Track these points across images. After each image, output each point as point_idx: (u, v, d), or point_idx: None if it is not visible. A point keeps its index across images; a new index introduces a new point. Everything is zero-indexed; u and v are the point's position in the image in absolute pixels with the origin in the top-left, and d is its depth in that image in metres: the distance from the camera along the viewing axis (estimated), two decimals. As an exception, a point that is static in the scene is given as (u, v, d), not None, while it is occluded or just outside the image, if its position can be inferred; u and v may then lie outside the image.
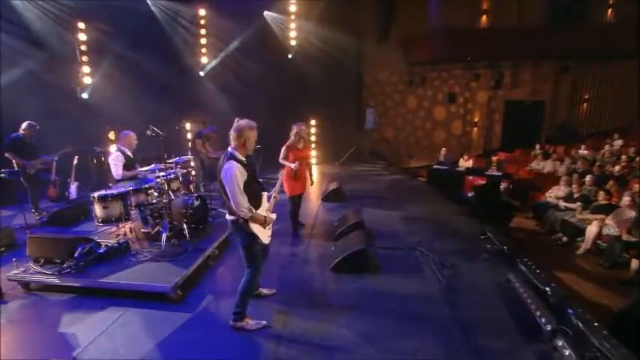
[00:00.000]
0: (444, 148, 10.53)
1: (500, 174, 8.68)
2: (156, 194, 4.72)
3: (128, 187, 4.63)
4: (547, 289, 3.57)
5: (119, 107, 7.92)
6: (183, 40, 9.58)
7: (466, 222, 6.21)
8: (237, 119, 3.13)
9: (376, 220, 6.10)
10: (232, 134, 3.00)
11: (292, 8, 10.36)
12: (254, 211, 3.01)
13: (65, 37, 8.03)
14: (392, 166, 12.07)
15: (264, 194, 3.31)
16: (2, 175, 5.29)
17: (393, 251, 4.91)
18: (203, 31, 9.79)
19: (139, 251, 4.37)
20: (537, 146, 11.17)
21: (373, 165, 11.72)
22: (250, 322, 3.22)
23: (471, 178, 9.24)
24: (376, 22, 11.91)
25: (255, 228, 3.08)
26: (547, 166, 9.55)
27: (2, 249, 4.72)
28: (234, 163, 2.92)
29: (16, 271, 3.94)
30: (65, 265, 3.96)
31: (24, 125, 5.83)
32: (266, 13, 10.22)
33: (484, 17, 12.49)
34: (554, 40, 11.27)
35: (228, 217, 3.11)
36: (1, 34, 6.98)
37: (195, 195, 5.03)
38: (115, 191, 4.57)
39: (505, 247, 4.76)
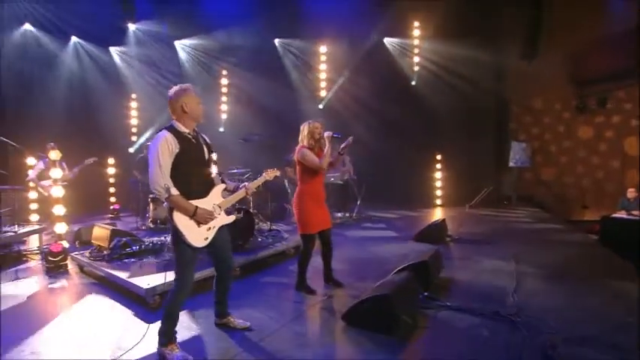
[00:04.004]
0: (631, 189, 7.15)
1: None
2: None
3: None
4: None
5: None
6: (304, 75, 10.10)
7: None
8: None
9: (472, 270, 4.33)
10: (169, 105, 2.50)
11: (415, 32, 9.61)
12: (174, 192, 2.34)
13: (208, 77, 9.62)
14: (551, 215, 8.98)
15: (220, 185, 2.63)
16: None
17: (460, 314, 3.19)
18: (323, 66, 10.11)
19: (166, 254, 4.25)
20: None
21: (520, 211, 8.99)
22: (175, 353, 2.42)
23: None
24: (521, 33, 9.66)
25: (179, 220, 2.38)
26: None
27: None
28: (166, 132, 2.40)
29: (76, 253, 4.41)
30: (103, 254, 4.18)
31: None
32: (386, 39, 9.79)
33: None
34: None
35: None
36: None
37: (237, 207, 4.69)
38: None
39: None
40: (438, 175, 9.89)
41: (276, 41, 9.79)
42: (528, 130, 10.66)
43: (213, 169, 2.76)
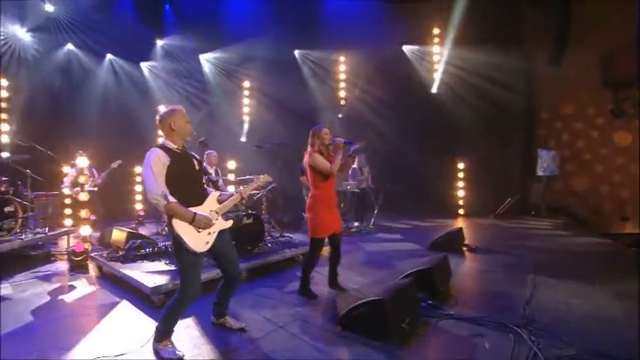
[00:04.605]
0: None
1: None
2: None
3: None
4: None
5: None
6: (323, 84, 10.24)
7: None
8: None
9: (485, 280, 4.20)
10: (158, 124, 2.62)
11: (435, 39, 9.51)
12: (172, 200, 2.42)
13: (230, 86, 10.00)
14: (585, 227, 8.45)
15: (214, 193, 2.71)
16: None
17: (463, 324, 3.08)
18: (342, 76, 10.21)
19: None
20: None
21: (548, 222, 8.52)
22: (168, 349, 2.51)
23: None
24: (548, 35, 9.26)
25: (180, 227, 2.45)
26: None
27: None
28: (155, 148, 2.51)
29: (96, 253, 4.67)
30: (119, 254, 4.41)
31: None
32: (405, 47, 9.75)
33: None
34: None
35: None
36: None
37: (247, 212, 4.79)
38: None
39: None
40: (460, 184, 9.61)
41: (296, 52, 10.02)
42: (558, 137, 10.13)
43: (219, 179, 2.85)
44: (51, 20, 8.06)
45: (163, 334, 2.55)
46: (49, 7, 7.94)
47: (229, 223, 2.77)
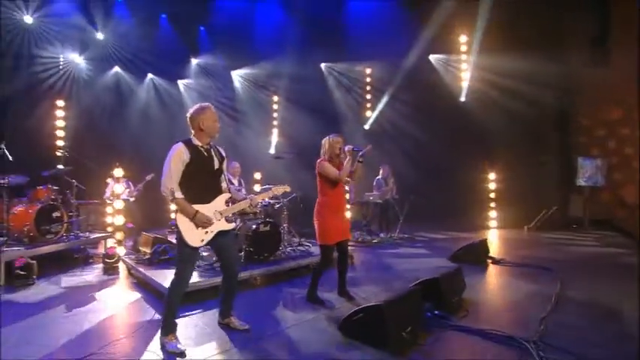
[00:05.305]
0: None
1: None
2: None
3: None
4: None
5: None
6: (349, 96, 10.37)
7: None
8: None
9: (503, 293, 4.09)
10: (189, 121, 2.86)
11: (463, 47, 9.34)
12: (178, 196, 2.67)
13: (259, 100, 10.42)
14: (633, 242, 7.74)
15: (224, 195, 2.90)
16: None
17: (468, 336, 2.99)
18: (369, 87, 10.29)
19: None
20: None
21: (591, 235, 7.90)
22: (172, 342, 2.70)
23: None
24: (586, 36, 8.71)
25: (181, 221, 2.69)
26: None
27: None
28: (180, 143, 2.76)
29: (125, 256, 5.06)
30: (144, 258, 4.74)
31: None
32: (432, 56, 9.66)
33: None
34: None
35: None
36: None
37: (263, 220, 4.95)
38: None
39: None
40: (492, 194, 9.23)
41: (322, 65, 10.27)
42: (603, 144, 9.44)
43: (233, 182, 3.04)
44: (101, 46, 8.95)
45: (168, 327, 2.76)
46: (100, 35, 8.86)
47: (231, 225, 2.94)
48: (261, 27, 9.59)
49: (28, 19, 7.67)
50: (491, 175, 9.30)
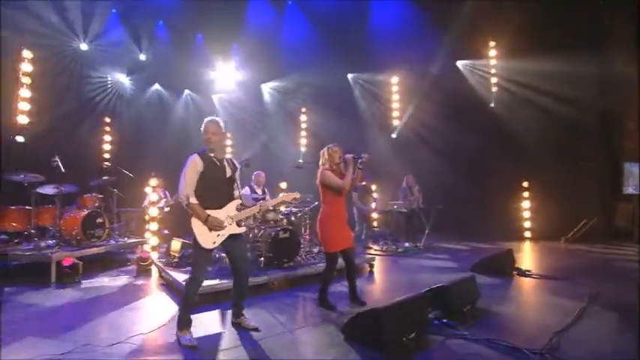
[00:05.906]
0: None
1: None
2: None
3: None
4: None
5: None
6: (375, 105, 10.43)
7: None
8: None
9: (523, 305, 4.01)
10: (203, 134, 3.15)
11: (491, 52, 9.13)
12: (192, 201, 2.95)
13: (287, 111, 10.78)
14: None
15: (235, 201, 3.14)
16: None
17: (473, 345, 2.96)
18: (396, 96, 10.29)
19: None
20: None
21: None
22: (187, 336, 2.96)
23: None
24: (627, 33, 8.14)
25: (195, 225, 2.96)
26: None
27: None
28: (195, 154, 3.06)
29: (157, 260, 5.46)
30: (173, 261, 5.11)
31: None
32: (459, 62, 9.52)
33: None
34: None
35: None
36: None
37: (282, 228, 5.14)
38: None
39: None
40: (526, 204, 8.82)
41: (349, 76, 10.44)
42: (652, 149, 8.74)
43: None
44: (143, 66, 9.76)
45: (183, 322, 3.01)
46: (143, 56, 9.69)
47: (242, 229, 3.17)
48: (288, 40, 9.97)
49: (84, 46, 8.59)
50: (526, 183, 8.90)
